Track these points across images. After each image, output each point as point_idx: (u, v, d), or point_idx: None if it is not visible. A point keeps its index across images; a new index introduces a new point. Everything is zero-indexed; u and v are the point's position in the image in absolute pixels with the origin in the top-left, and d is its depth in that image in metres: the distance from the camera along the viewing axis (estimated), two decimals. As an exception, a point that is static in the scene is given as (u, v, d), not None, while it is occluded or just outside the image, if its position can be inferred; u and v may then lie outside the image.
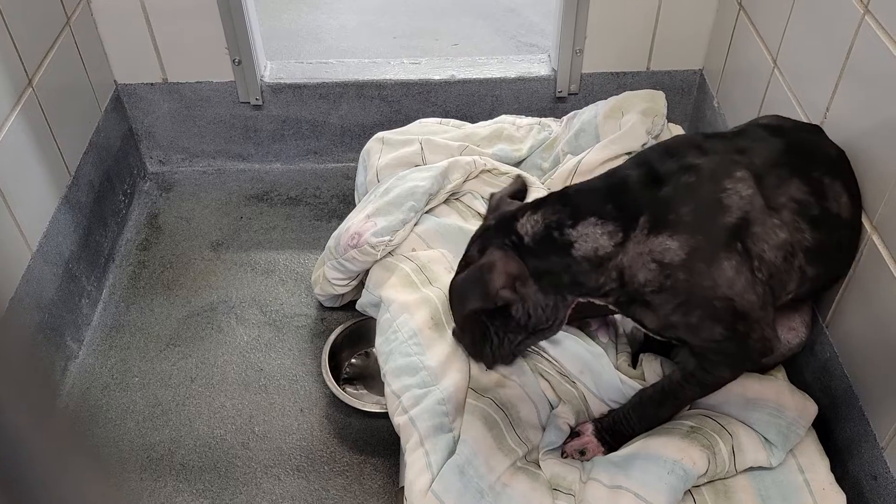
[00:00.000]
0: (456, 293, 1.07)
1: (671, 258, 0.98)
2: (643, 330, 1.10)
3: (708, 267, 0.98)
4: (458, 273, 1.09)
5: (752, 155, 1.05)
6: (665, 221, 0.98)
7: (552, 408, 1.19)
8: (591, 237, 1.00)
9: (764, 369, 1.22)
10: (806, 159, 1.08)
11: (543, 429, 1.17)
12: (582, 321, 1.31)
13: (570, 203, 1.02)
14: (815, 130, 1.18)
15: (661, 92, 1.65)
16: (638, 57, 1.81)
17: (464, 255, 1.10)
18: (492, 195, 1.17)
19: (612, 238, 0.99)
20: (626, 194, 1.01)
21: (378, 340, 1.32)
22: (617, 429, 1.14)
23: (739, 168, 1.02)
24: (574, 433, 1.16)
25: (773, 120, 1.18)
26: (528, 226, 1.02)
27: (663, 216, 0.99)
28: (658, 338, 1.09)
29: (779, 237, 1.01)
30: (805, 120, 1.30)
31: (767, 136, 1.10)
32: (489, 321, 1.09)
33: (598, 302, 1.06)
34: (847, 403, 1.16)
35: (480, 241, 1.07)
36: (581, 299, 1.06)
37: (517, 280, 1.02)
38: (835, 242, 1.09)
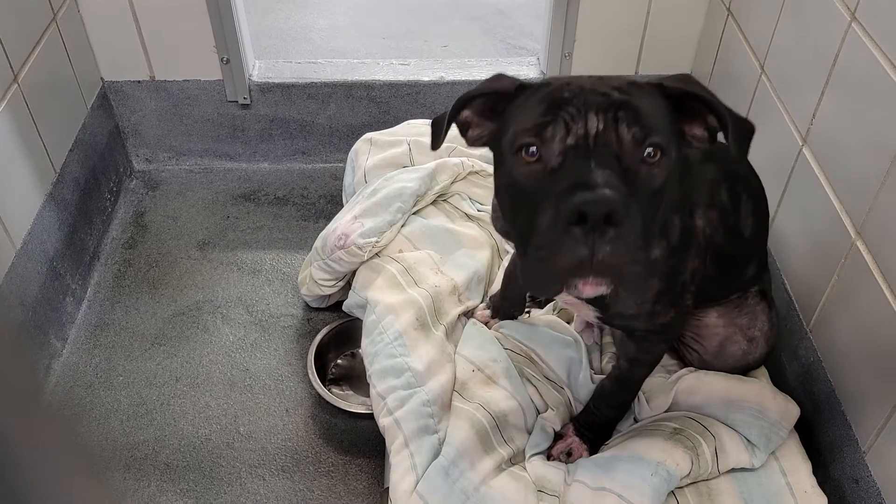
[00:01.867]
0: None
1: (674, 238, 0.97)
2: (595, 316, 1.09)
3: (686, 252, 0.99)
4: None
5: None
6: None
7: (538, 412, 1.19)
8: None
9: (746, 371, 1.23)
10: (723, 163, 1.08)
11: (529, 433, 1.18)
12: (567, 321, 1.32)
13: None
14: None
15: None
16: (627, 61, 1.82)
17: None
18: None
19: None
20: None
21: (364, 342, 1.32)
22: (592, 421, 1.16)
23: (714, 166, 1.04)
24: (558, 436, 1.17)
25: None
26: None
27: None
28: (604, 323, 1.10)
29: (707, 232, 1.02)
30: (791, 127, 1.31)
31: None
32: None
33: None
34: (830, 407, 1.17)
35: None
36: None
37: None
38: (733, 255, 1.10)
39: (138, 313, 1.60)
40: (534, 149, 0.77)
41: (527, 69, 1.86)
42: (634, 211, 0.73)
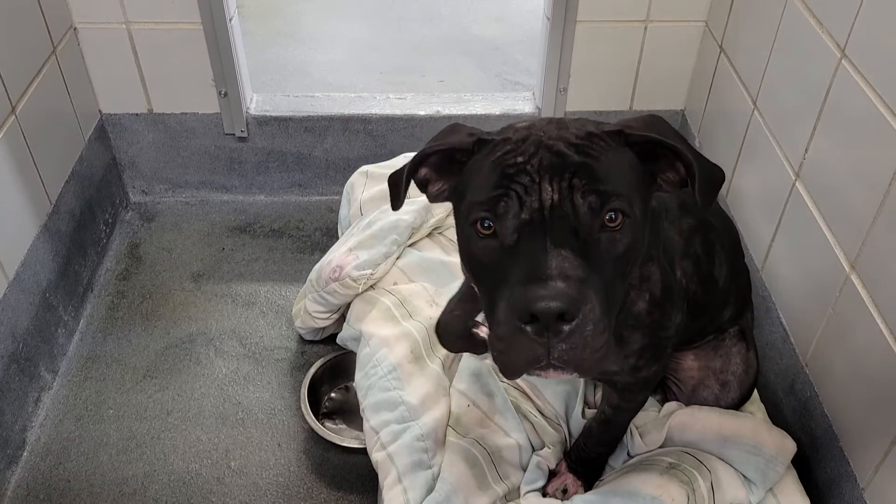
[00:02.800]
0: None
1: (656, 292, 0.93)
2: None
3: (671, 308, 0.96)
4: None
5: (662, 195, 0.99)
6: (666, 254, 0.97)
7: (534, 449, 1.18)
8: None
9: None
10: (700, 213, 1.06)
11: (524, 469, 1.16)
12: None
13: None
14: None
15: (643, 131, 1.67)
16: (621, 96, 1.83)
17: None
18: None
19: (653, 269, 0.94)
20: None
21: (358, 375, 1.31)
22: (582, 456, 1.16)
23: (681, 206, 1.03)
24: (552, 473, 1.16)
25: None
26: None
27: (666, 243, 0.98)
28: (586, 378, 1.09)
29: (685, 284, 1.02)
30: (785, 162, 1.32)
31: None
32: None
33: None
34: (827, 443, 1.16)
35: None
36: None
37: None
38: (707, 304, 1.10)
39: (131, 345, 1.58)
40: (489, 223, 0.74)
41: (522, 104, 1.88)
42: (592, 295, 0.70)
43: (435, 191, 0.87)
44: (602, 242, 0.72)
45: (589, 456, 1.15)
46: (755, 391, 1.29)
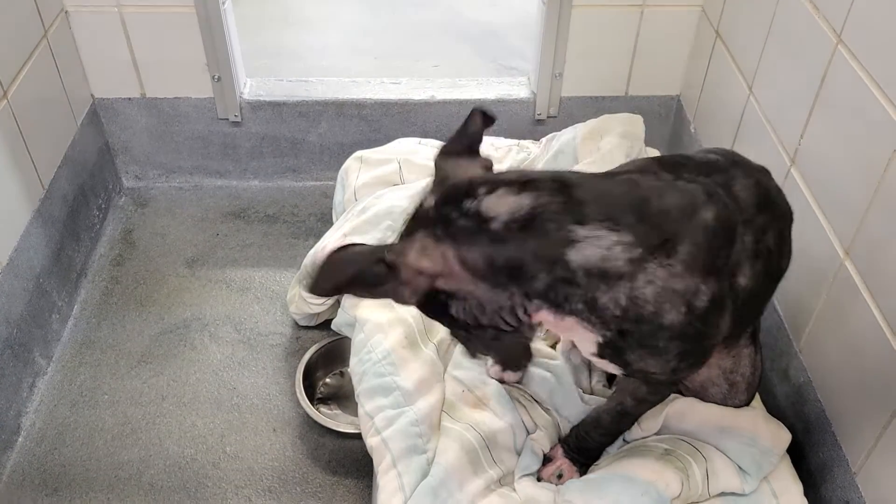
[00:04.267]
0: (335, 267, 0.81)
1: (699, 303, 0.83)
2: (602, 367, 1.05)
3: (718, 316, 0.87)
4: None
5: (742, 193, 0.92)
6: (699, 258, 0.83)
7: (528, 433, 1.19)
8: (601, 242, 0.79)
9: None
10: (779, 210, 1.00)
11: (519, 453, 1.17)
12: (552, 345, 1.31)
13: (578, 198, 0.81)
14: (768, 174, 1.02)
15: (639, 116, 1.67)
16: (617, 82, 1.83)
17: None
18: (441, 150, 0.94)
19: (627, 252, 0.80)
20: (654, 208, 0.83)
21: (352, 361, 1.31)
22: (582, 445, 1.15)
23: (740, 211, 0.91)
24: (547, 458, 1.16)
25: (729, 154, 1.01)
26: (502, 208, 0.79)
27: (700, 251, 0.83)
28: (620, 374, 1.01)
29: (749, 286, 0.92)
30: (780, 147, 1.32)
31: (741, 174, 0.95)
32: (429, 316, 0.91)
33: (576, 336, 0.90)
34: (820, 429, 1.17)
35: (409, 225, 0.84)
36: (548, 315, 0.85)
37: (438, 277, 0.81)
38: (767, 293, 1.03)
39: (125, 331, 1.58)
40: None
41: (517, 89, 1.87)
42: None
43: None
44: None
45: (589, 445, 1.15)
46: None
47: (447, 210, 0.82)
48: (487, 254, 0.80)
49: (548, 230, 0.79)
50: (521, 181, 0.82)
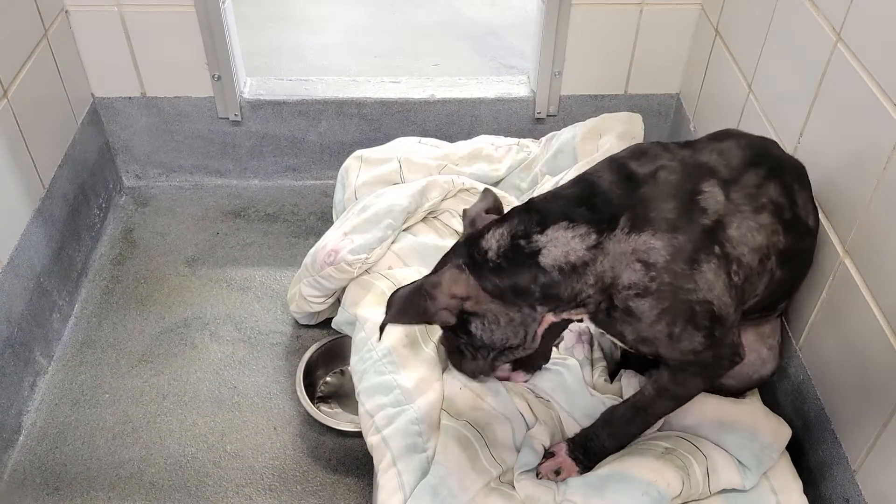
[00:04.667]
0: (395, 304, 1.02)
1: (655, 258, 0.94)
2: (621, 345, 1.08)
3: (690, 269, 0.95)
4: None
5: (726, 156, 1.04)
6: (647, 219, 0.95)
7: (528, 428, 1.18)
8: (560, 241, 0.95)
9: (738, 394, 1.22)
10: (777, 163, 1.07)
11: (518, 450, 1.17)
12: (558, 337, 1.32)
13: (538, 210, 0.99)
14: (773, 143, 1.15)
15: (638, 115, 1.67)
16: (616, 80, 1.83)
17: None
18: (464, 211, 1.14)
19: (584, 241, 0.95)
20: (597, 196, 0.98)
21: (353, 359, 1.31)
22: (589, 446, 1.13)
23: (712, 173, 1.01)
24: (548, 454, 1.16)
25: (729, 132, 1.14)
26: (492, 240, 0.99)
27: (645, 214, 0.95)
28: (635, 352, 1.07)
29: (756, 240, 1.00)
30: (780, 145, 1.32)
31: (733, 143, 1.07)
32: (457, 335, 1.07)
33: (574, 317, 1.03)
34: (820, 426, 1.17)
35: (441, 262, 1.05)
36: (553, 316, 1.02)
37: (467, 300, 1.00)
38: (801, 249, 1.09)
39: (126, 330, 1.58)
40: None
41: (517, 88, 1.87)
42: None
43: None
44: None
45: (595, 447, 1.13)
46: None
47: (468, 249, 1.01)
48: (494, 281, 0.99)
49: (521, 248, 0.97)
50: (505, 216, 1.02)
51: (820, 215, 1.18)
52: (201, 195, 1.92)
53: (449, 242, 1.47)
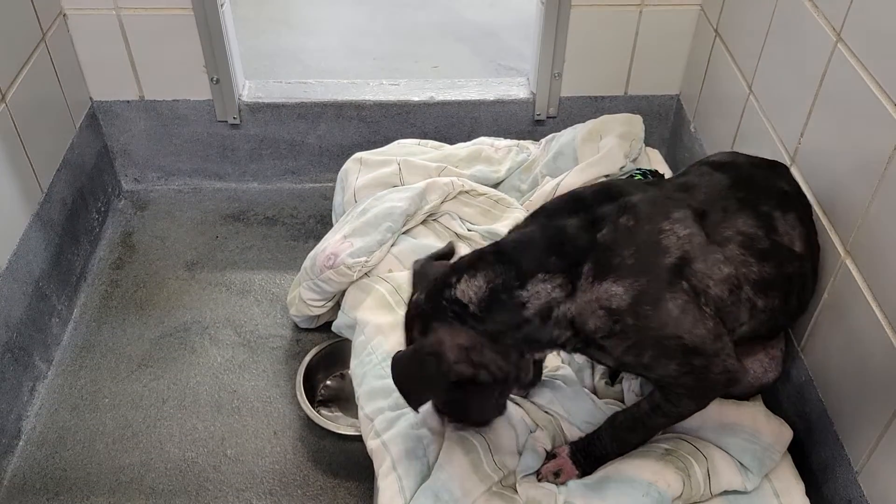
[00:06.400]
0: (407, 383, 0.98)
1: (618, 304, 0.96)
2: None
3: (654, 309, 0.96)
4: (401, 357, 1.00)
5: (694, 192, 1.05)
6: (609, 266, 0.96)
7: (531, 432, 1.18)
8: (542, 294, 0.96)
9: (739, 399, 1.22)
10: (754, 193, 1.07)
11: (521, 453, 1.16)
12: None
13: (512, 261, 0.98)
14: (771, 165, 1.17)
15: (638, 116, 1.67)
16: (616, 81, 1.83)
17: (406, 339, 1.05)
18: (415, 263, 1.10)
19: (563, 290, 0.96)
20: (566, 243, 0.98)
21: (353, 363, 1.31)
22: (591, 451, 1.13)
23: (678, 207, 1.01)
24: (550, 455, 1.15)
25: (724, 157, 1.18)
26: (470, 292, 0.97)
27: (606, 261, 0.96)
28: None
29: (722, 272, 1.00)
30: (780, 146, 1.31)
31: (712, 172, 1.10)
32: (461, 393, 1.04)
33: (557, 353, 1.06)
34: (822, 428, 1.16)
35: (420, 321, 1.01)
36: (539, 354, 1.07)
37: (471, 351, 0.97)
38: (786, 275, 1.07)
39: (125, 334, 1.58)
40: None
41: (516, 89, 1.87)
42: None
43: None
44: None
45: (597, 451, 1.12)
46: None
47: (437, 302, 0.99)
48: (480, 330, 0.98)
49: (504, 302, 0.97)
50: (473, 263, 1.00)
51: (821, 216, 1.17)
52: (200, 199, 1.91)
53: (449, 245, 1.47)
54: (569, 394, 1.22)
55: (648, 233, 0.98)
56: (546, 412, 1.21)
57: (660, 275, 0.97)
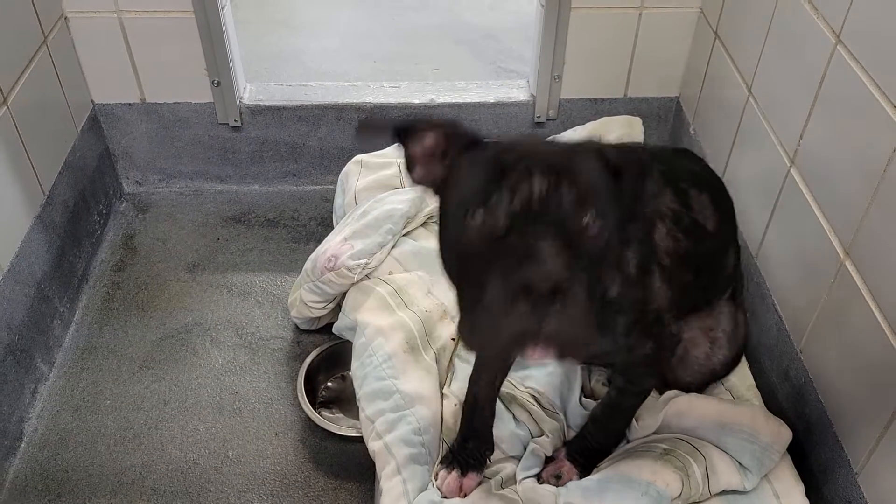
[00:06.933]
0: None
1: (628, 272, 0.96)
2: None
3: (651, 280, 0.98)
4: None
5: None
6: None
7: (532, 436, 1.19)
8: None
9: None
10: (672, 172, 1.08)
11: (518, 460, 1.17)
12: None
13: None
14: (682, 152, 1.20)
15: (638, 118, 1.67)
16: (615, 84, 1.83)
17: None
18: None
19: None
20: None
21: (353, 364, 1.31)
22: (584, 445, 1.15)
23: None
24: (549, 460, 1.16)
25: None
26: None
27: None
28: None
29: (667, 244, 1.01)
30: (780, 148, 1.32)
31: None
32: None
33: None
34: (821, 429, 1.17)
35: None
36: None
37: None
38: (704, 253, 1.08)
39: (126, 336, 1.58)
40: (480, 213, 0.74)
41: (516, 91, 1.87)
42: (578, 278, 0.71)
43: (420, 175, 0.86)
44: (584, 238, 0.74)
45: (591, 446, 1.15)
46: (752, 380, 1.30)
47: None
48: None
49: None
50: None
51: (820, 218, 1.18)
52: (201, 201, 1.92)
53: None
54: (567, 393, 1.23)
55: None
56: (555, 414, 1.21)
57: (650, 245, 0.99)
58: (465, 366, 1.27)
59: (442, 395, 1.24)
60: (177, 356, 1.55)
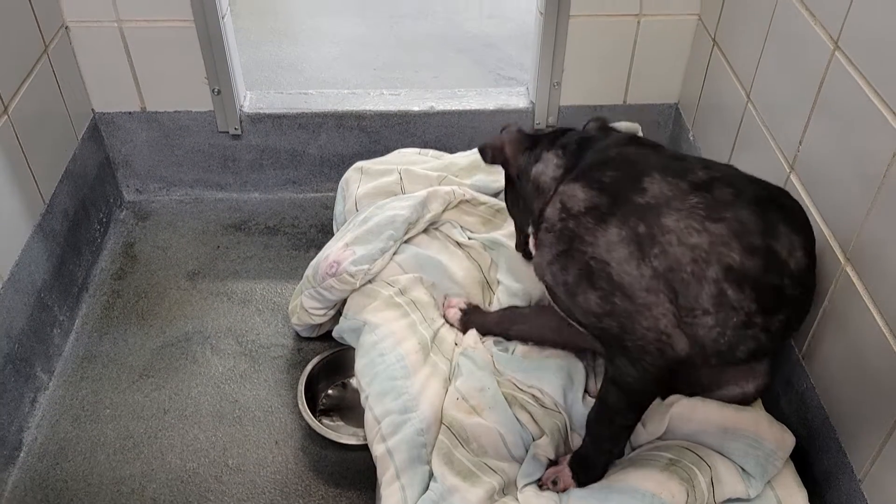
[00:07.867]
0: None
1: (572, 205, 1.05)
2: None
3: (596, 224, 1.02)
4: None
5: (725, 174, 1.06)
6: (588, 175, 1.07)
7: (533, 439, 1.18)
8: (544, 162, 1.17)
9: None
10: (772, 203, 1.04)
11: (519, 461, 1.16)
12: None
13: (557, 138, 1.20)
14: (785, 193, 1.11)
15: (637, 125, 1.67)
16: (615, 91, 1.83)
17: None
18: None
19: (556, 171, 1.15)
20: (586, 145, 1.14)
21: (360, 363, 1.29)
22: (581, 452, 1.14)
23: (685, 174, 1.04)
24: (552, 464, 1.16)
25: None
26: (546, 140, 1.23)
27: (591, 170, 1.07)
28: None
29: (692, 239, 0.98)
30: (779, 154, 1.32)
31: (745, 178, 1.08)
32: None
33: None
34: (824, 435, 1.16)
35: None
36: (536, 203, 1.19)
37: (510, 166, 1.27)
38: (772, 285, 1.01)
39: (126, 345, 1.58)
40: None
41: (516, 99, 1.88)
42: None
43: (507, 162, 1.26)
44: None
45: (588, 453, 1.12)
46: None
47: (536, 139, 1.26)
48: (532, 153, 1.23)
49: (538, 154, 1.20)
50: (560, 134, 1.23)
51: (821, 224, 1.18)
52: (202, 209, 1.92)
53: (451, 254, 1.48)
54: (571, 391, 1.22)
55: (638, 172, 1.05)
56: (557, 414, 1.21)
57: (621, 204, 1.02)
58: (469, 363, 1.27)
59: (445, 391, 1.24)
60: (177, 364, 1.54)
